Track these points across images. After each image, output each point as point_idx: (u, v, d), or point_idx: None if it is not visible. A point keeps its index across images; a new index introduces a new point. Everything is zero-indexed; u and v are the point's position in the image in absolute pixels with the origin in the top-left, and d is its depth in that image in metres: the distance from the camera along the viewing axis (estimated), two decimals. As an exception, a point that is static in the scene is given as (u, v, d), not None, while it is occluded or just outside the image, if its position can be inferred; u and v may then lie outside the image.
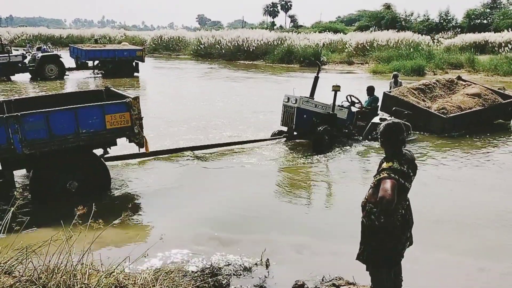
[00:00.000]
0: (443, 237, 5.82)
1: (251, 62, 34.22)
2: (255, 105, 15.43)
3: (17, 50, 24.56)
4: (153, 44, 43.97)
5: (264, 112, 13.86)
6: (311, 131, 9.89)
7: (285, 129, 10.33)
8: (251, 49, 35.15)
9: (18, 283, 3.41)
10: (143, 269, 3.75)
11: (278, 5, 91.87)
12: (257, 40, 35.45)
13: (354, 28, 53.08)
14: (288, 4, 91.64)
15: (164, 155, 8.82)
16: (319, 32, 46.01)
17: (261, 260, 4.87)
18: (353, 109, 10.95)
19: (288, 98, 10.08)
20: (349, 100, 11.02)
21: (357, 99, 11.06)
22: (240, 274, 4.58)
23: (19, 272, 3.62)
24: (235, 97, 17.39)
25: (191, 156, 9.03)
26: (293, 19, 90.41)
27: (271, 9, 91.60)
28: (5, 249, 3.84)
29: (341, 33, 40.96)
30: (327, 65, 30.85)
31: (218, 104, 15.57)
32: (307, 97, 10.16)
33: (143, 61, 24.10)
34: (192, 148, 9.23)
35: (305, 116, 9.97)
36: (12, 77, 21.29)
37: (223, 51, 36.53)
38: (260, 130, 11.27)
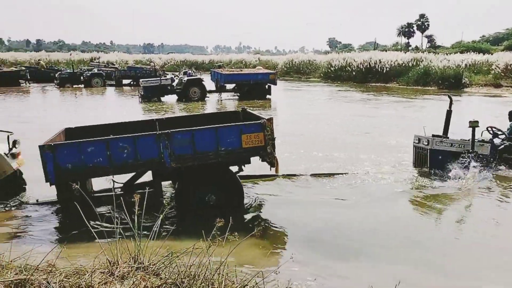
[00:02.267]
0: None
1: (382, 85, 33.21)
2: (384, 128, 14.88)
3: (167, 74, 27.64)
4: (284, 68, 45.54)
5: (393, 136, 13.27)
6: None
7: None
8: (384, 71, 34.14)
9: (164, 285, 3.76)
10: (274, 286, 3.83)
11: (414, 26, 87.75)
12: (391, 61, 34.33)
13: (502, 48, 47.94)
14: (425, 24, 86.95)
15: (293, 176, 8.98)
16: (460, 52, 42.65)
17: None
18: (496, 141, 9.80)
19: (419, 139, 9.47)
20: (491, 132, 9.90)
21: (500, 130, 9.88)
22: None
23: (165, 275, 3.99)
24: (363, 119, 17.00)
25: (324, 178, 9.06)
26: (430, 39, 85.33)
27: (406, 29, 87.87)
28: (154, 252, 4.28)
29: (487, 54, 37.33)
30: (470, 88, 28.38)
31: (346, 126, 15.39)
32: (440, 136, 9.41)
33: (275, 84, 25.13)
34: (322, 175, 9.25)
35: (440, 157, 9.21)
36: (162, 98, 23.97)
37: (353, 73, 36.12)
38: (389, 153, 10.80)
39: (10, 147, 7.56)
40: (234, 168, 7.50)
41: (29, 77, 34.28)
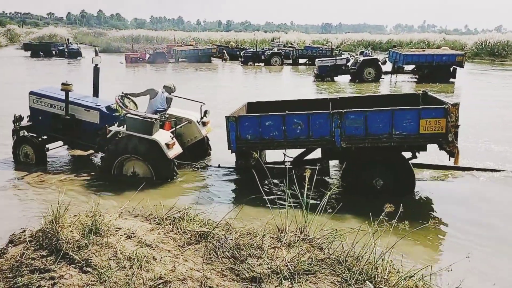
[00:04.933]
0: None
1: None
2: None
3: (343, 54, 27.42)
4: (474, 49, 40.63)
5: None
6: None
7: None
8: None
9: (327, 259, 3.84)
10: (443, 283, 3.56)
11: None
12: None
13: None
14: None
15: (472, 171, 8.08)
16: None
17: None
18: None
19: None
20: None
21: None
22: None
23: (329, 250, 4.08)
24: None
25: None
26: None
27: None
28: (319, 227, 4.39)
29: None
30: None
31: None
32: None
33: (462, 66, 22.69)
34: None
35: None
36: (336, 78, 23.97)
37: None
38: None
39: (202, 116, 8.60)
40: (406, 154, 7.13)
41: (219, 55, 38.33)
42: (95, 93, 9.09)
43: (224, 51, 38.88)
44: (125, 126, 7.65)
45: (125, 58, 34.38)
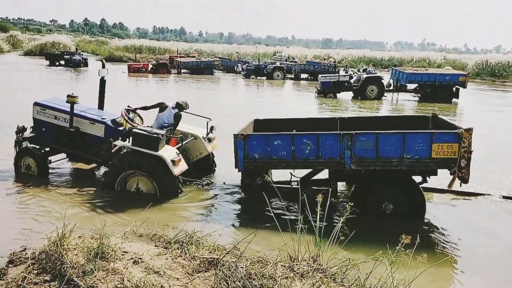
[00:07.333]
0: None
1: None
2: None
3: (347, 70, 27.41)
4: (475, 69, 40.84)
5: None
6: None
7: None
8: None
9: (342, 291, 3.69)
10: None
11: None
12: None
13: None
14: None
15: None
16: None
17: None
18: None
19: None
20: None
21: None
22: None
23: (343, 282, 3.92)
24: None
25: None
26: None
27: None
28: (332, 255, 4.23)
29: None
30: None
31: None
32: None
33: (465, 87, 22.71)
34: None
35: None
36: (338, 94, 23.93)
37: None
38: None
39: (208, 131, 8.47)
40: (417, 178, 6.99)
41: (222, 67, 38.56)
42: (101, 105, 8.96)
43: (239, 64, 38.82)
44: (130, 140, 7.51)
45: (127, 68, 34.40)
